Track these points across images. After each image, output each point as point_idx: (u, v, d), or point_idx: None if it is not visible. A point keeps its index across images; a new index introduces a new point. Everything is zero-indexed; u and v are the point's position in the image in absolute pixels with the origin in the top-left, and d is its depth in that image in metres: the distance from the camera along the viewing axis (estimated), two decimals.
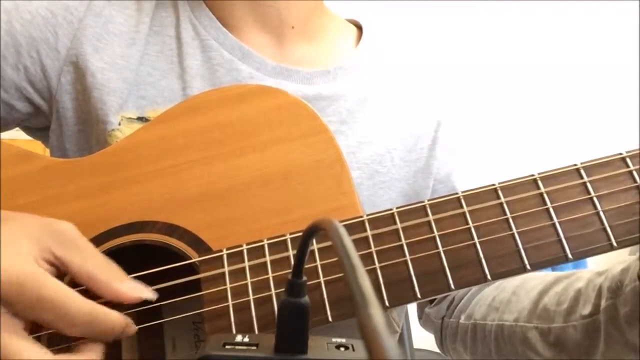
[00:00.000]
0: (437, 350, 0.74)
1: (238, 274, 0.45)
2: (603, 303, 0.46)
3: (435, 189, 0.67)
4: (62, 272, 0.42)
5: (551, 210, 0.43)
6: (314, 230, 0.29)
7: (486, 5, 2.17)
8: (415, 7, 2.07)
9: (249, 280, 0.44)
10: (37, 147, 0.67)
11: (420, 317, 0.71)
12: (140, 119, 0.60)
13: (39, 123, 0.65)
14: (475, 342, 0.60)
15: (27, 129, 0.68)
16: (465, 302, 0.64)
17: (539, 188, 0.44)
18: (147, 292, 0.43)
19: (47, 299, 0.38)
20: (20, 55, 0.59)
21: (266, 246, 0.45)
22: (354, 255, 0.23)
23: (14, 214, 0.43)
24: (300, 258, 0.31)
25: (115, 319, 0.41)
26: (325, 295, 0.43)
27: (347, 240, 0.24)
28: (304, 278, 0.31)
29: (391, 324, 0.58)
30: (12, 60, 0.59)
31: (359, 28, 0.73)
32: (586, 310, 0.48)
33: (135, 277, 0.46)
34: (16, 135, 0.68)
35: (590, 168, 0.44)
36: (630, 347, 0.45)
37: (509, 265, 0.43)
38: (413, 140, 0.66)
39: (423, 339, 0.99)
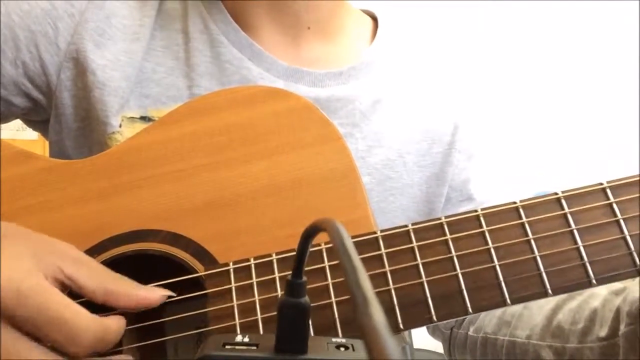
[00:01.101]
0: (437, 350, 0.73)
1: (245, 291, 0.43)
2: (622, 328, 0.44)
3: (449, 197, 0.64)
4: (73, 291, 0.39)
5: (575, 232, 0.41)
6: (314, 230, 0.29)
7: (505, 7, 2.14)
8: (436, 4, 2.03)
9: (256, 298, 0.42)
10: (37, 148, 0.64)
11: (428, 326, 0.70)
12: (143, 118, 0.57)
13: (38, 116, 0.63)
14: (485, 356, 0.59)
15: (28, 122, 0.66)
16: None
17: (562, 208, 0.42)
18: (165, 290, 0.42)
19: (53, 314, 0.36)
20: (19, 50, 0.56)
21: (275, 262, 0.44)
22: (355, 256, 0.22)
23: (16, 230, 0.40)
24: (300, 258, 0.30)
25: (121, 328, 0.40)
26: (336, 316, 0.41)
27: (348, 241, 0.24)
28: (304, 278, 0.31)
29: (402, 335, 0.57)
30: (10, 55, 0.56)
31: (374, 19, 0.70)
32: (603, 332, 0.46)
33: None
34: (16, 135, 0.66)
35: (617, 188, 0.42)
36: None
37: (529, 290, 0.41)
38: (427, 144, 0.64)
39: (423, 339, 0.98)
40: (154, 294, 0.42)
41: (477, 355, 0.60)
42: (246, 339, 0.32)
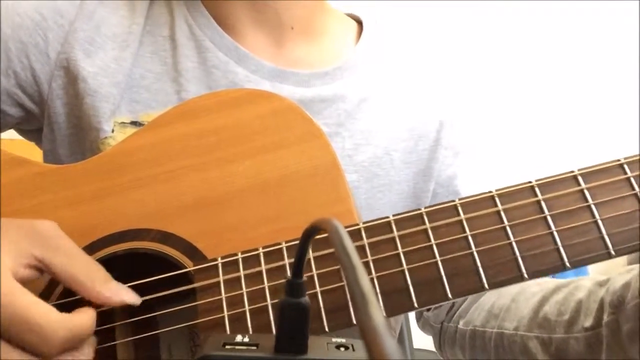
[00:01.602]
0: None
1: (233, 284, 0.44)
2: (605, 317, 0.46)
3: (435, 193, 0.66)
4: (45, 273, 0.41)
5: (549, 218, 0.43)
6: (314, 230, 0.29)
7: (492, 4, 2.16)
8: (420, 4, 2.05)
9: (244, 290, 0.44)
10: (37, 148, 0.66)
11: (418, 320, 0.71)
12: (133, 123, 0.59)
13: (31, 126, 0.64)
14: (475, 349, 0.60)
15: (21, 131, 0.68)
16: (465, 307, 0.64)
17: (536, 195, 0.44)
18: (130, 296, 0.42)
19: (21, 315, 0.36)
20: (10, 60, 0.58)
21: (261, 255, 0.45)
22: (354, 255, 0.23)
23: None
24: (300, 258, 0.30)
25: (92, 324, 0.40)
26: (321, 305, 0.43)
27: (347, 240, 0.24)
28: (304, 278, 0.32)
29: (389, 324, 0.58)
30: (2, 66, 0.58)
31: (359, 23, 0.71)
32: (588, 322, 0.48)
33: (130, 287, 0.46)
34: (16, 135, 0.67)
35: (588, 175, 0.44)
36: None
37: (506, 274, 0.42)
38: (414, 141, 0.65)
39: (423, 339, 0.99)
40: (115, 296, 0.41)
41: (466, 347, 0.61)
42: (246, 339, 0.32)
